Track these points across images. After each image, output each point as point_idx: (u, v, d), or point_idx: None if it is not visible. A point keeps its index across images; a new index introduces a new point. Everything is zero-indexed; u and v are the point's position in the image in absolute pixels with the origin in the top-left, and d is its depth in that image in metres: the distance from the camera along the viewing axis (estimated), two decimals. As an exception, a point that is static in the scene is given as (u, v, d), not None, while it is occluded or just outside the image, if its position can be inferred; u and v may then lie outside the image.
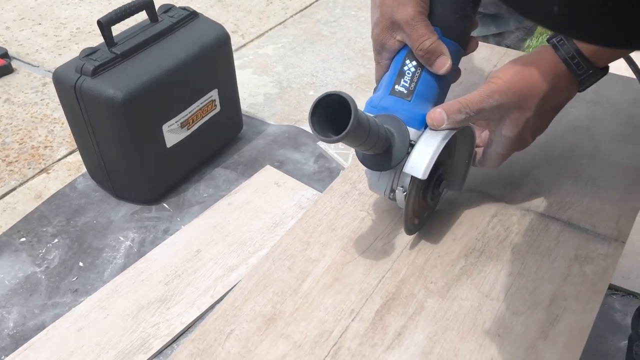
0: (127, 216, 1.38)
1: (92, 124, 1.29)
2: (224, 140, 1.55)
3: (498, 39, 1.19)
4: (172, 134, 1.36)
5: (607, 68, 0.61)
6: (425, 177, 0.57)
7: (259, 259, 1.19)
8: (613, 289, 1.20)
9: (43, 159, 1.58)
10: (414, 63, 0.61)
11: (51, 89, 1.87)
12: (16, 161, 1.58)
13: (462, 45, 0.63)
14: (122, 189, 1.40)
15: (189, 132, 1.40)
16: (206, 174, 1.49)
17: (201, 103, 1.41)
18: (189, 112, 1.38)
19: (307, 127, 0.98)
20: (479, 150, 0.66)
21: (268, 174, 1.48)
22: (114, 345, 1.11)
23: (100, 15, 2.17)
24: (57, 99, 1.80)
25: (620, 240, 0.65)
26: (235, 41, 2.05)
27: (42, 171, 1.54)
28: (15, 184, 1.50)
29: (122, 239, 1.33)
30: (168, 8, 1.42)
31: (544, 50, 0.60)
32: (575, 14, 0.20)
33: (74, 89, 1.25)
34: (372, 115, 0.59)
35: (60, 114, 1.74)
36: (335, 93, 0.50)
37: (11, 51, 2.03)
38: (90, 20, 2.25)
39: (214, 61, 1.41)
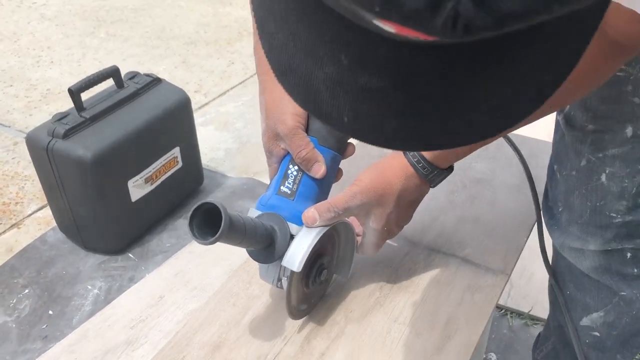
0: (95, 266, 1.48)
1: (63, 182, 1.40)
2: (186, 193, 1.67)
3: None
4: (137, 188, 1.48)
5: (451, 167, 0.72)
6: (300, 269, 0.64)
7: (217, 301, 1.30)
8: (521, 315, 1.33)
9: (14, 215, 1.67)
10: (296, 168, 0.70)
11: (22, 148, 1.97)
12: (-12, 217, 1.67)
13: (339, 151, 0.72)
14: (90, 241, 1.50)
15: (153, 186, 1.52)
16: (169, 225, 1.60)
17: (164, 160, 1.54)
18: (153, 169, 1.51)
19: (265, 179, 1.07)
20: (359, 239, 0.76)
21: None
22: (82, 387, 1.20)
23: (69, 77, 2.31)
24: (28, 158, 1.90)
25: (505, 273, 0.79)
26: (198, 100, 2.20)
27: (13, 226, 1.64)
28: (-13, 238, 1.59)
29: (90, 287, 1.43)
30: (133, 75, 1.56)
31: (397, 154, 0.71)
32: (357, 127, 0.32)
33: (46, 150, 1.36)
34: (254, 215, 0.68)
35: (30, 171, 1.85)
36: (210, 202, 0.57)
37: (-17, 112, 2.14)
38: (60, 82, 2.37)
39: (175, 122, 1.55)
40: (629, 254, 0.78)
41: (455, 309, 0.74)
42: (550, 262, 0.87)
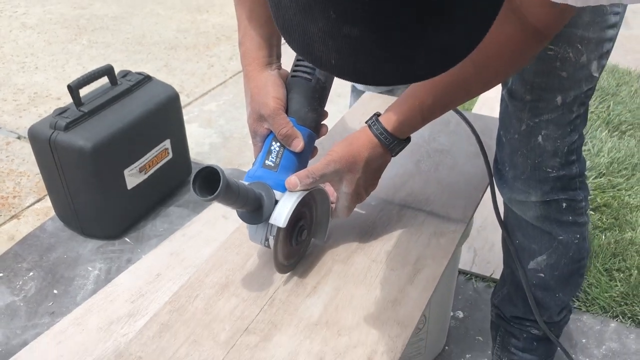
0: (94, 250, 1.60)
1: (64, 171, 1.52)
2: (176, 182, 1.80)
3: (390, 93, 1.51)
4: (132, 177, 1.61)
5: (409, 139, 0.84)
6: (285, 225, 0.76)
7: (211, 274, 1.43)
8: (485, 279, 1.49)
9: (13, 207, 1.78)
10: (278, 144, 0.83)
11: (15, 147, 2.07)
12: (-13, 210, 1.77)
13: (314, 131, 0.85)
14: (88, 227, 1.62)
15: (146, 175, 1.65)
16: (162, 211, 1.73)
17: (156, 151, 1.66)
18: (146, 159, 1.63)
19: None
20: (333, 206, 0.89)
21: (216, 209, 1.73)
22: (90, 353, 1.31)
23: (55, 82, 2.42)
24: (21, 156, 2.01)
25: (464, 222, 0.94)
26: (182, 100, 2.32)
27: (12, 217, 1.74)
28: (-12, 229, 1.69)
29: (90, 269, 1.55)
30: (126, 73, 1.69)
31: (364, 129, 0.83)
32: (342, 67, 0.46)
33: (48, 142, 1.48)
34: (246, 182, 0.79)
35: (25, 168, 1.95)
36: (210, 166, 0.67)
37: (-26, 115, 2.23)
38: (47, 86, 2.47)
39: (166, 116, 1.68)
40: (564, 204, 0.94)
41: (423, 250, 0.89)
42: (503, 217, 1.03)
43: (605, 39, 0.84)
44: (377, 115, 0.83)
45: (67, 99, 2.13)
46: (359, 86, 1.32)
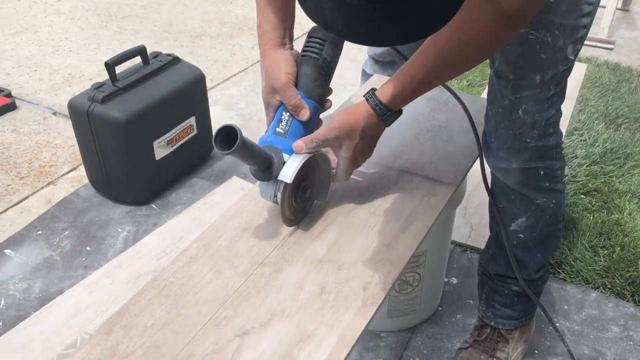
0: (123, 214, 1.76)
1: (99, 140, 1.68)
2: (199, 156, 1.95)
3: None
4: (160, 149, 1.76)
5: (401, 111, 0.94)
6: (291, 181, 0.89)
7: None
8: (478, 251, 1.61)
9: (49, 175, 1.94)
10: (288, 114, 0.96)
11: (51, 121, 2.24)
12: (27, 176, 1.93)
13: (320, 104, 0.98)
14: (119, 194, 1.78)
15: (173, 148, 1.80)
16: (185, 182, 1.88)
17: (182, 126, 1.82)
18: (173, 133, 1.79)
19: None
20: (334, 171, 1.01)
21: (235, 183, 1.89)
22: (120, 302, 1.47)
23: (87, 64, 2.59)
24: (56, 130, 2.18)
25: (454, 185, 1.08)
26: (205, 84, 2.48)
27: (49, 183, 1.90)
28: (28, 193, 1.86)
29: (120, 230, 1.70)
30: (157, 54, 1.84)
31: (362, 101, 0.93)
32: (347, 31, 0.60)
33: (86, 113, 1.64)
34: (259, 144, 0.90)
35: (60, 140, 2.12)
36: (229, 125, 0.80)
37: (13, 92, 2.40)
38: (79, 67, 2.64)
39: (192, 95, 1.83)
40: (542, 172, 1.08)
41: (416, 206, 1.03)
42: (490, 185, 1.16)
43: (579, 26, 0.97)
44: (374, 90, 0.96)
45: (99, 80, 2.30)
46: (368, 70, 1.46)
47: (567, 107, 2.15)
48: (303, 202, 0.98)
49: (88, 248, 1.65)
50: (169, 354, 0.79)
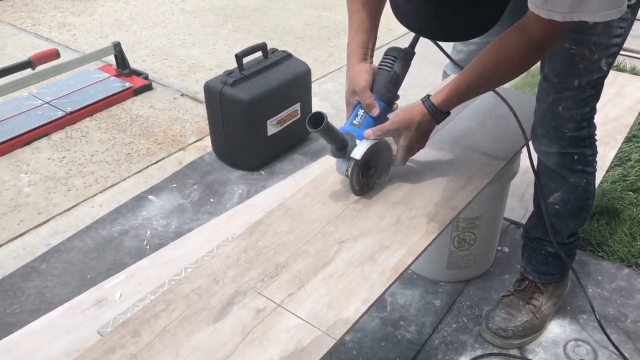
0: (239, 177, 2.18)
1: (226, 116, 2.11)
2: (300, 137, 2.35)
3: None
4: (272, 127, 2.17)
5: (449, 112, 1.21)
6: (359, 158, 1.17)
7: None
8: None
9: (180, 142, 2.40)
10: (362, 111, 1.25)
11: (179, 101, 2.72)
12: (163, 143, 2.41)
13: (388, 106, 1.26)
14: (236, 161, 2.21)
15: (281, 127, 2.21)
16: (288, 156, 2.29)
17: (289, 110, 2.22)
18: (282, 115, 2.20)
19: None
20: (394, 158, 1.32)
21: (327, 160, 2.27)
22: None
23: (207, 56, 3.06)
24: (184, 108, 2.65)
25: (505, 159, 1.40)
26: (305, 79, 2.89)
27: (180, 149, 2.36)
28: (164, 155, 2.33)
29: (236, 189, 2.13)
30: (274, 50, 2.26)
31: (418, 103, 1.20)
32: (423, 30, 1.00)
33: (219, 93, 2.07)
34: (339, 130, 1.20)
35: (188, 117, 2.58)
36: (319, 112, 1.11)
37: (149, 76, 2.91)
38: (201, 59, 3.12)
39: (300, 85, 2.24)
40: (575, 157, 1.38)
41: (474, 172, 1.36)
42: (535, 166, 1.47)
43: (612, 44, 1.26)
44: (428, 95, 1.25)
45: (218, 69, 2.78)
46: (448, 71, 1.80)
47: (629, 117, 2.38)
48: (368, 178, 1.30)
49: (211, 200, 2.08)
50: (291, 249, 1.17)
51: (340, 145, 1.22)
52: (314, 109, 2.60)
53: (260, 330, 1.00)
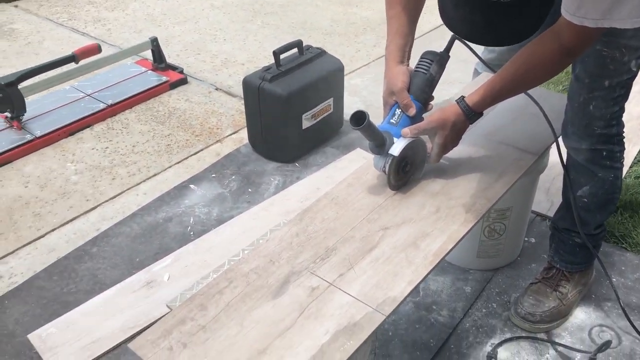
0: (275, 168, 2.28)
1: (263, 110, 2.21)
2: (333, 130, 2.45)
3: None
4: (306, 121, 2.27)
5: (482, 113, 1.28)
6: (397, 155, 1.25)
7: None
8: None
9: (217, 135, 2.51)
10: (400, 110, 1.32)
11: (214, 95, 2.82)
12: (200, 134, 2.51)
13: (424, 106, 1.34)
14: (272, 153, 2.31)
15: (315, 121, 2.31)
16: (321, 149, 2.39)
17: (323, 105, 2.32)
18: (316, 109, 2.29)
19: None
20: (428, 154, 1.41)
21: (358, 153, 2.37)
22: (273, 230, 1.99)
23: (238, 51, 3.16)
24: (219, 101, 2.76)
25: (536, 154, 1.48)
26: (335, 74, 2.97)
27: (217, 141, 2.47)
28: (202, 147, 2.43)
29: (272, 179, 2.23)
30: (309, 47, 2.36)
31: (453, 103, 1.27)
32: (468, 36, 1.09)
33: (257, 88, 2.17)
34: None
35: (223, 110, 2.69)
36: (361, 110, 1.20)
37: (184, 70, 3.01)
38: (233, 54, 3.22)
39: (333, 81, 2.33)
40: (604, 153, 1.46)
41: (507, 166, 1.45)
42: (565, 161, 1.55)
43: (642, 46, 1.35)
44: (463, 96, 1.33)
45: (249, 65, 2.89)
46: (479, 69, 1.88)
47: (653, 116, 2.45)
48: (404, 174, 1.38)
49: (249, 189, 2.19)
50: (339, 235, 1.27)
51: (379, 143, 1.29)
52: (345, 104, 2.70)
53: (315, 307, 1.10)
